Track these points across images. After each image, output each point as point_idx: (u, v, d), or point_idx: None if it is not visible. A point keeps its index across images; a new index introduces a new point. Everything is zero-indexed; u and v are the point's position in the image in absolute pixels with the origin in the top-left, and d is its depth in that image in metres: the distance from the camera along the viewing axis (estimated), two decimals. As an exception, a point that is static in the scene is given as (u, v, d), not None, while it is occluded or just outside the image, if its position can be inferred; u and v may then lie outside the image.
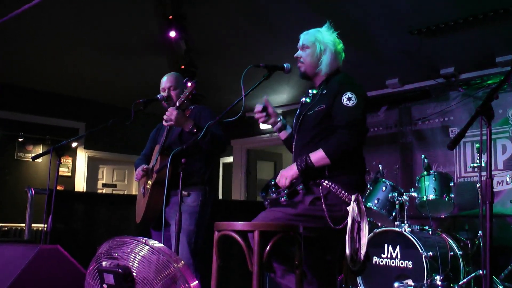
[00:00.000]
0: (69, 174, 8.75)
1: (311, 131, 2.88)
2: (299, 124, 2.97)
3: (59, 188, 6.78)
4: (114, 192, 9.42)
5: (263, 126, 9.56)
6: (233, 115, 2.98)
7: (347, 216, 2.69)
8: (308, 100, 3.03)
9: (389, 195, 5.10)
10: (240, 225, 2.54)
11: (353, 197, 2.70)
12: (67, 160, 8.72)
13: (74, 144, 8.80)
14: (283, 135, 3.25)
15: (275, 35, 6.38)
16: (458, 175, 6.55)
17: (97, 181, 9.35)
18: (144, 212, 3.71)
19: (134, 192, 9.57)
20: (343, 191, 2.73)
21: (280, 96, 8.62)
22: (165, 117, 3.61)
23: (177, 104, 3.64)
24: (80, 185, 8.83)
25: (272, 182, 2.88)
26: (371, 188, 5.30)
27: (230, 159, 10.25)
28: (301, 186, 2.71)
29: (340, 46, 3.04)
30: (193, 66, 6.88)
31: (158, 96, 3.92)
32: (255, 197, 10.27)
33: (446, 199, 5.05)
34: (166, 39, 6.38)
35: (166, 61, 7.17)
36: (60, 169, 8.54)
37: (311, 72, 3.03)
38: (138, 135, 9.49)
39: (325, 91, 2.90)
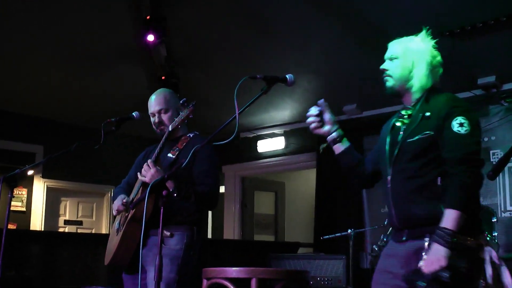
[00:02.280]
0: (23, 209, 8.72)
1: (413, 162, 2.84)
2: (396, 154, 2.92)
3: (10, 226, 6.74)
4: (79, 230, 9.39)
5: (262, 149, 9.58)
6: (225, 136, 2.98)
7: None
8: (400, 123, 3.01)
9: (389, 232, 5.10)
10: (234, 271, 2.53)
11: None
12: (20, 192, 8.71)
13: (30, 172, 8.80)
14: (338, 148, 3.22)
15: (274, 40, 6.42)
16: (502, 209, 6.53)
17: (58, 218, 9.33)
18: (114, 252, 3.70)
19: (104, 230, 9.55)
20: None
21: (282, 113, 8.65)
22: (142, 171, 3.67)
23: (170, 128, 3.70)
24: (37, 222, 8.80)
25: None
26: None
27: (221, 189, 10.26)
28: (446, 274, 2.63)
29: (438, 59, 2.97)
30: (175, 77, 6.93)
31: (133, 114, 3.93)
32: (252, 236, 10.24)
33: (488, 238, 5.04)
34: (143, 45, 6.42)
35: (142, 71, 7.21)
36: (12, 203, 8.52)
37: (400, 87, 2.98)
38: (109, 161, 9.55)
39: (428, 113, 2.87)
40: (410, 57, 2.97)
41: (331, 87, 7.63)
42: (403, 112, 3.01)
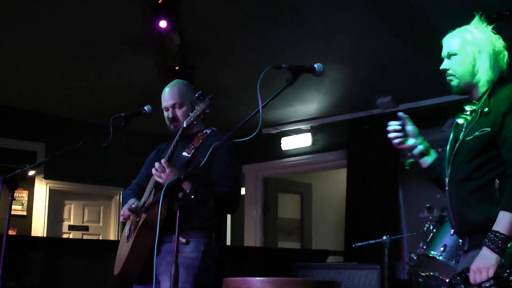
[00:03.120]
0: (24, 213, 8.80)
1: (469, 162, 2.85)
2: (454, 153, 2.94)
3: (10, 232, 6.78)
4: (85, 237, 9.46)
5: (286, 147, 9.59)
6: (245, 132, 2.99)
7: None
8: (463, 120, 3.01)
9: (461, 241, 5.06)
10: (258, 281, 2.54)
11: None
12: (21, 195, 8.78)
13: (31, 173, 8.86)
14: (425, 162, 3.21)
15: (299, 26, 6.41)
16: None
17: (61, 223, 9.41)
18: (125, 261, 3.72)
19: (112, 237, 9.62)
20: None
21: (308, 106, 8.65)
22: (153, 171, 3.68)
23: (184, 125, 3.72)
24: (38, 227, 8.88)
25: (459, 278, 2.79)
26: (434, 230, 5.27)
27: (241, 191, 10.29)
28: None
29: (500, 43, 2.97)
30: (189, 67, 6.94)
31: (145, 108, 3.95)
32: (275, 243, 10.25)
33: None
34: (153, 32, 6.44)
35: (153, 61, 7.24)
36: (12, 206, 8.59)
37: (466, 85, 2.98)
38: (118, 160, 9.62)
39: (486, 108, 2.86)
40: (470, 50, 2.96)
41: (363, 78, 7.61)
42: (466, 108, 3.01)
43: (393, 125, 3.17)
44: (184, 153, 3.85)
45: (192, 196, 3.51)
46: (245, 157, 9.65)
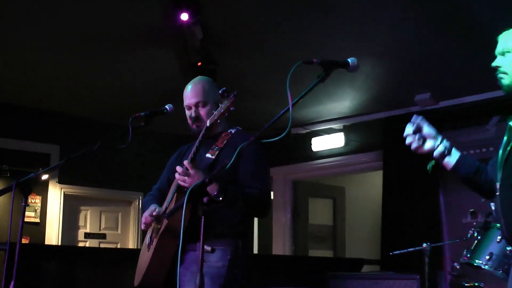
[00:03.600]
0: (37, 220, 8.85)
1: None
2: (506, 156, 2.97)
3: (23, 241, 6.81)
4: (102, 245, 9.52)
5: (317, 148, 9.58)
6: (273, 132, 2.97)
7: None
8: None
9: (508, 249, 5.01)
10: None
11: None
12: (33, 200, 8.85)
13: (44, 177, 8.85)
14: (449, 163, 3.20)
15: (331, 17, 6.39)
16: None
17: (77, 230, 9.47)
18: (145, 271, 3.73)
19: (131, 245, 9.67)
20: None
21: (341, 104, 8.62)
22: (176, 175, 3.68)
23: (208, 124, 3.70)
24: (52, 235, 8.94)
25: None
26: (479, 237, 5.22)
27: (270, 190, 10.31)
28: None
29: None
30: (212, 62, 6.95)
31: (166, 107, 3.96)
32: (306, 251, 10.23)
33: None
34: (174, 26, 6.45)
35: (173, 56, 7.25)
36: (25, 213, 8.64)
37: None
38: (137, 163, 9.67)
39: None
40: None
41: (400, 74, 7.57)
42: None
43: (407, 130, 3.15)
44: (208, 155, 3.84)
45: (221, 198, 3.45)
46: (273, 159, 9.64)
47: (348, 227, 11.05)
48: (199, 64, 6.94)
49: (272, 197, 9.98)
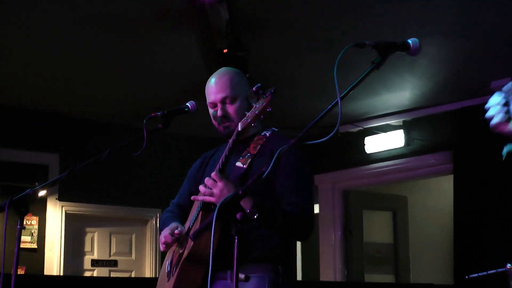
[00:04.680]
0: (34, 245, 8.92)
1: None
2: None
3: (19, 271, 6.84)
4: (113, 274, 9.58)
5: (371, 149, 9.57)
6: (316, 132, 2.98)
7: None
8: None
9: None
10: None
11: None
12: (29, 222, 8.94)
13: (42, 193, 8.92)
14: None
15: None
16: None
17: (82, 257, 9.54)
18: (167, 305, 3.76)
19: (148, 273, 9.72)
20: None
21: (400, 95, 8.60)
22: (201, 187, 3.69)
23: (239, 128, 3.64)
24: (53, 264, 9.02)
25: None
26: None
27: (314, 208, 10.29)
28: None
29: None
30: (241, 49, 6.96)
31: (187, 105, 3.97)
32: (362, 275, 10.20)
33: None
34: (195, 5, 6.48)
35: (195, 41, 7.28)
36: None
37: None
38: (154, 173, 9.72)
39: None
40: None
41: (473, 56, 7.53)
42: None
43: (493, 99, 3.09)
44: (238, 164, 3.83)
45: (255, 216, 3.49)
46: (318, 165, 9.67)
47: (413, 245, 11.01)
48: (225, 51, 6.95)
49: (315, 213, 9.98)
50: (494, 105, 3.04)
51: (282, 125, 4.06)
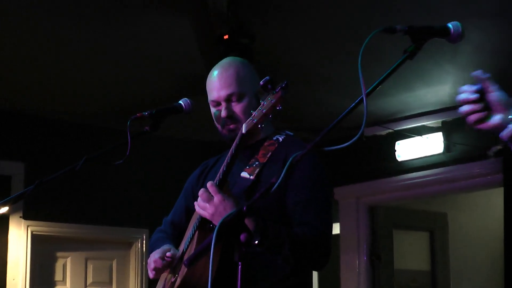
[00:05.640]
0: (-8, 274, 8.92)
1: None
2: None
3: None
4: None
5: (404, 155, 9.58)
6: (338, 136, 2.99)
7: None
8: None
9: None
10: None
11: None
12: (-13, 245, 8.94)
13: (3, 210, 8.86)
14: None
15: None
16: None
17: (52, 287, 9.53)
18: None
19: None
20: None
21: (438, 90, 8.62)
22: (196, 203, 3.71)
23: (244, 130, 3.61)
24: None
25: None
26: None
27: (334, 227, 10.30)
28: None
29: None
30: (245, 34, 6.98)
31: (181, 103, 3.99)
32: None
33: None
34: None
35: (189, 26, 7.30)
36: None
37: None
38: (141, 186, 9.71)
39: None
40: None
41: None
42: None
43: (466, 92, 3.11)
44: (244, 174, 3.85)
45: (256, 242, 3.47)
46: (339, 175, 9.68)
47: (454, 272, 11.01)
48: (226, 37, 6.97)
49: (335, 233, 9.99)
50: (468, 100, 3.08)
51: (296, 127, 4.08)
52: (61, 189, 8.96)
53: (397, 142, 9.69)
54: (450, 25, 3.07)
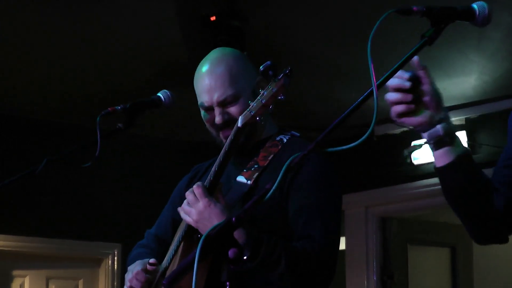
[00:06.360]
0: None
1: None
2: None
3: None
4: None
5: (421, 159, 9.58)
6: (348, 135, 3.00)
7: None
8: None
9: None
10: None
11: None
12: None
13: None
14: (443, 157, 3.19)
15: None
16: None
17: (9, 311, 9.56)
18: None
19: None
20: None
21: (462, 82, 8.65)
22: (180, 209, 3.72)
23: (240, 122, 3.61)
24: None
25: None
26: None
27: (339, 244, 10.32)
28: None
29: None
30: (237, 15, 6.99)
31: (160, 96, 3.99)
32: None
33: None
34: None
35: (171, 5, 7.32)
36: None
37: None
38: (113, 193, 9.66)
39: None
40: None
41: None
42: None
43: (394, 79, 3.07)
44: (241, 178, 3.86)
45: (245, 257, 3.41)
46: (345, 181, 9.64)
47: (480, 295, 11.07)
48: (213, 18, 6.98)
49: (343, 248, 10.02)
50: (396, 87, 3.07)
51: (299, 125, 4.08)
52: (18, 197, 8.97)
53: (413, 143, 9.72)
54: (475, 5, 3.07)
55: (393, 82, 3.09)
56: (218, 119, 3.90)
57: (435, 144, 3.20)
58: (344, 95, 7.04)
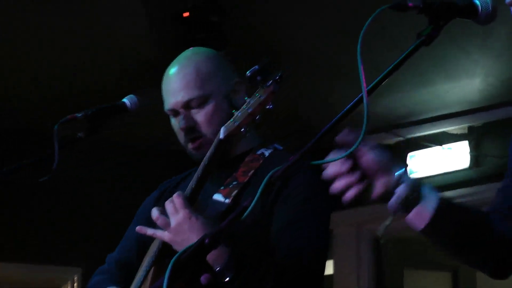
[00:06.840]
0: None
1: None
2: None
3: None
4: None
5: (419, 171, 9.59)
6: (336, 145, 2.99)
7: None
8: None
9: None
10: None
11: None
12: None
13: None
14: (420, 216, 3.21)
15: None
16: None
17: None
18: None
19: None
20: None
21: (464, 86, 8.67)
22: (154, 213, 3.70)
23: (222, 134, 3.61)
24: None
25: None
26: None
27: (327, 266, 10.35)
28: None
29: None
30: (213, 12, 7.00)
31: (125, 101, 3.98)
32: None
33: None
34: None
35: (140, 3, 7.33)
36: None
37: None
38: (73, 211, 9.65)
39: None
40: None
41: None
42: None
43: (333, 162, 3.07)
44: (217, 196, 3.84)
45: (228, 278, 3.49)
46: (334, 196, 9.66)
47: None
48: (186, 14, 6.97)
49: (330, 273, 10.03)
50: (337, 173, 3.06)
51: (290, 132, 4.05)
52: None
53: (410, 154, 9.72)
54: (477, 1, 3.06)
55: (330, 170, 3.11)
56: (181, 123, 3.89)
57: (405, 208, 3.26)
58: (344, 95, 7.03)
